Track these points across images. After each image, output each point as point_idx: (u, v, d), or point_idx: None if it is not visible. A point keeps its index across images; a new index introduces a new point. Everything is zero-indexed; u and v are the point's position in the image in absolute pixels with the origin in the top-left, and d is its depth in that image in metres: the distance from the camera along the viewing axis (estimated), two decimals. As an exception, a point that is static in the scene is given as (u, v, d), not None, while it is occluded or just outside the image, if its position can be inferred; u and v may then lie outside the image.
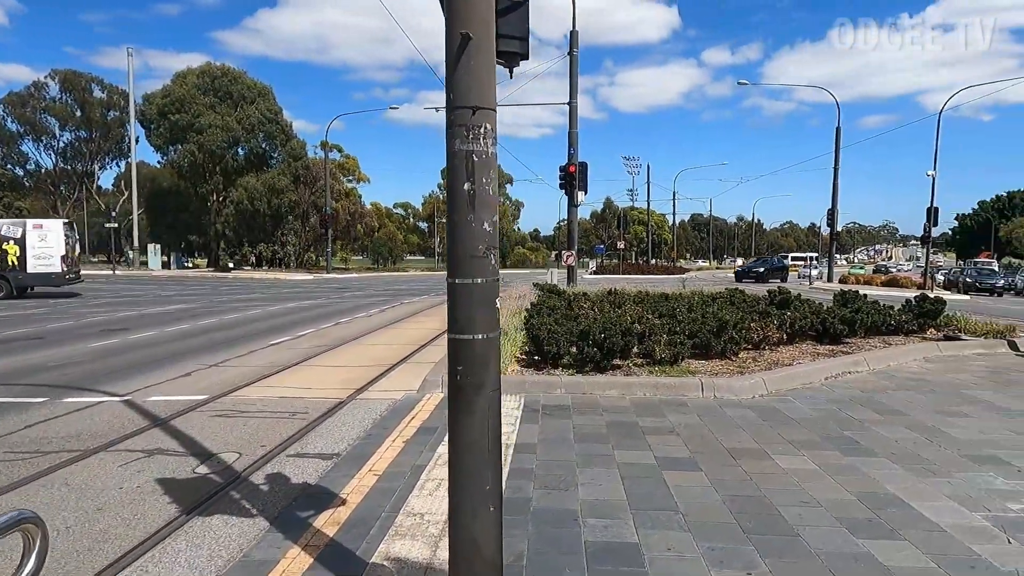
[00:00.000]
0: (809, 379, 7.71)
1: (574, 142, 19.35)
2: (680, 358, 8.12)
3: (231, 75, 49.82)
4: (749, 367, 8.15)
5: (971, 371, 8.61)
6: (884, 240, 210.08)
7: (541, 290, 16.35)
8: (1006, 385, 7.73)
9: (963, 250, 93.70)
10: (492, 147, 2.23)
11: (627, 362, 8.19)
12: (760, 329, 9.52)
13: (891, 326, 11.12)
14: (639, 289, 17.01)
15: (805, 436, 5.48)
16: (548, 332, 8.05)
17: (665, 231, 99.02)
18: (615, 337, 7.77)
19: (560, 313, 10.07)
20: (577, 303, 12.83)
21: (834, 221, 34.74)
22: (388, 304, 19.68)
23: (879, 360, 8.86)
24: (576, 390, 6.99)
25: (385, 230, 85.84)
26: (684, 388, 6.96)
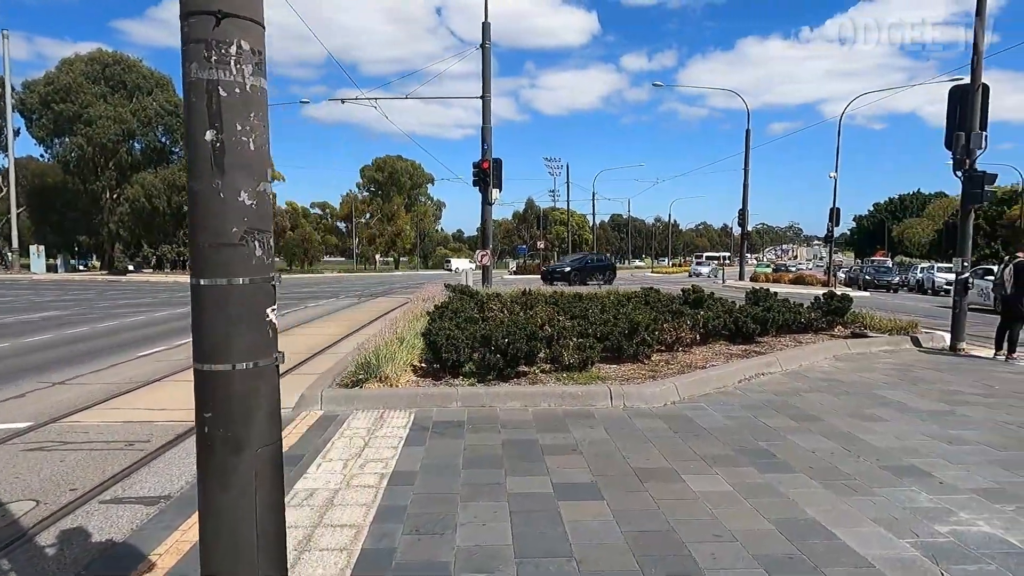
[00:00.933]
0: (723, 383, 7.30)
1: (487, 138, 18.68)
2: (590, 363, 7.55)
3: (125, 63, 46.24)
4: (662, 371, 7.68)
5: (880, 369, 8.49)
6: (790, 240, 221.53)
7: (452, 291, 15.58)
8: (914, 383, 7.58)
9: (860, 249, 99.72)
10: (254, 78, 1.47)
11: (534, 369, 7.55)
12: (673, 330, 9.11)
13: (801, 324, 11.03)
14: (555, 289, 16.55)
15: (719, 450, 4.97)
16: (447, 338, 7.30)
17: (586, 231, 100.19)
18: (519, 342, 7.11)
19: (464, 316, 9.33)
20: (488, 305, 12.16)
21: (745, 220, 35.72)
22: (292, 308, 18.38)
23: (791, 360, 8.61)
24: (474, 403, 6.27)
25: (300, 230, 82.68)
26: (592, 397, 6.37)
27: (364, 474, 4.39)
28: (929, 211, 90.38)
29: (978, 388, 7.37)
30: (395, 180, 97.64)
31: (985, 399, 6.81)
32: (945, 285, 32.87)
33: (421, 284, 20.26)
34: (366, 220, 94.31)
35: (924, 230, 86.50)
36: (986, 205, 57.76)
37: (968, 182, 9.78)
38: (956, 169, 9.93)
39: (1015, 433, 5.51)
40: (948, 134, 10.14)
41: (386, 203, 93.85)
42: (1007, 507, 3.89)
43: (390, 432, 5.39)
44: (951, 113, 10.15)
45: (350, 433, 5.36)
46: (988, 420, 5.93)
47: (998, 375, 8.22)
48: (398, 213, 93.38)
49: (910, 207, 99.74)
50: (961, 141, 9.76)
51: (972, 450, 5.01)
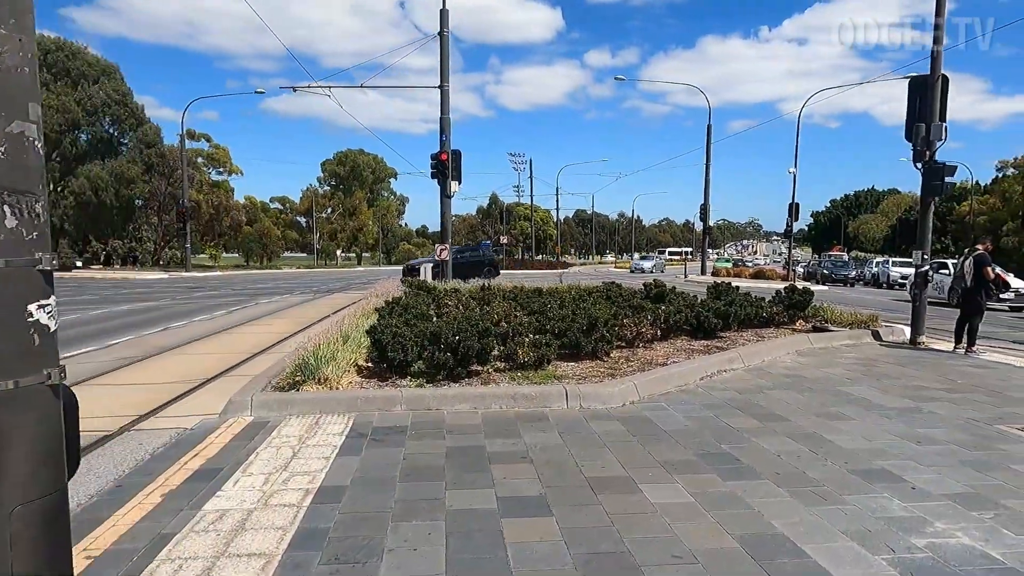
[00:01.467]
0: (684, 380, 6.99)
1: (446, 129, 18.16)
2: (546, 361, 7.16)
3: (68, 49, 44.18)
4: (621, 368, 7.33)
5: (843, 364, 8.30)
6: (750, 236, 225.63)
7: (409, 286, 15.05)
8: (878, 379, 7.39)
9: (817, 244, 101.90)
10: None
11: (487, 368, 7.12)
12: (634, 326, 8.79)
13: (763, 318, 10.84)
14: (515, 284, 16.16)
15: (680, 455, 4.62)
16: (393, 336, 6.82)
17: (551, 227, 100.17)
18: (471, 340, 6.67)
19: (415, 313, 8.86)
20: (444, 301, 11.69)
21: (706, 215, 35.86)
22: (241, 305, 17.60)
23: (754, 355, 8.36)
24: (419, 406, 5.82)
25: (259, 225, 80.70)
26: (546, 398, 5.97)
27: (286, 490, 3.90)
28: (883, 207, 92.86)
29: (942, 383, 7.21)
30: (357, 174, 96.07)
31: (950, 394, 6.63)
32: (899, 279, 33.56)
33: (376, 279, 19.71)
34: (327, 215, 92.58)
35: (878, 226, 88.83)
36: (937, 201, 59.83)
37: (928, 174, 9.69)
38: (916, 161, 9.82)
39: (983, 431, 5.29)
40: (908, 125, 10.03)
41: (348, 198, 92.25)
42: (984, 515, 3.61)
43: (324, 440, 4.90)
44: (911, 104, 10.04)
45: (279, 442, 4.86)
46: (955, 417, 5.72)
47: (959, 369, 8.10)
48: (360, 208, 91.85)
49: (865, 203, 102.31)
50: (921, 132, 9.65)
51: (942, 451, 4.76)
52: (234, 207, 52.23)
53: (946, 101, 9.78)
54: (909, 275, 33.06)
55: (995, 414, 5.84)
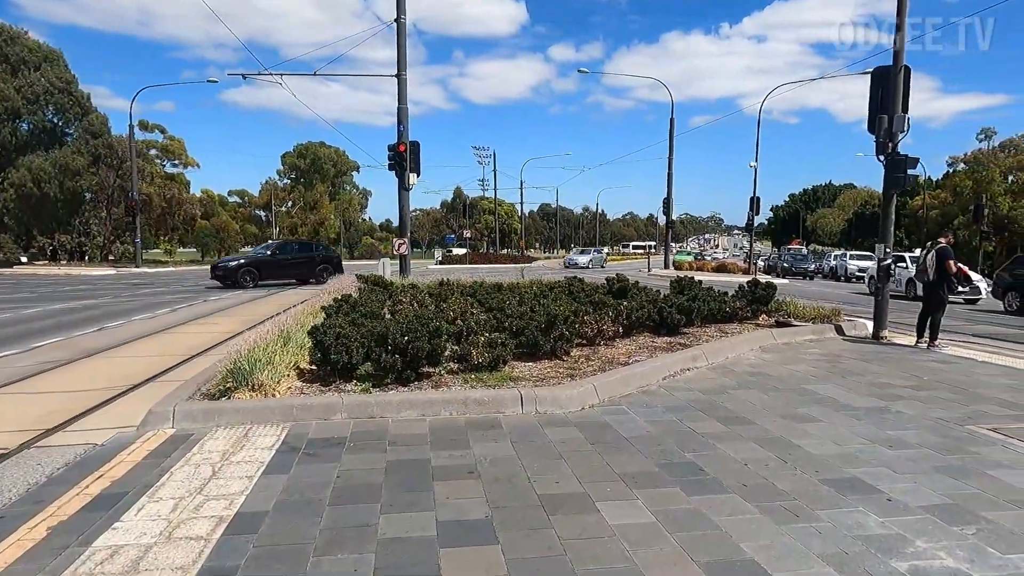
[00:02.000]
0: (646, 380, 6.66)
1: (404, 119, 17.59)
2: (502, 362, 6.76)
3: (7, 33, 41.92)
4: (581, 368, 6.98)
5: (807, 360, 8.09)
6: (712, 230, 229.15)
7: (365, 282, 14.50)
8: (843, 376, 7.18)
9: (777, 238, 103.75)
10: None
11: (439, 370, 6.69)
12: (595, 323, 8.45)
13: (727, 313, 10.63)
14: (475, 279, 15.73)
15: (641, 465, 4.26)
16: (337, 337, 6.34)
17: (515, 221, 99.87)
18: (420, 340, 6.22)
19: (365, 311, 8.37)
20: (398, 297, 11.20)
21: (670, 208, 35.89)
22: (188, 302, 16.78)
23: (718, 352, 8.10)
24: (361, 413, 5.36)
25: (216, 219, 78.53)
26: (500, 403, 5.57)
27: (197, 519, 3.42)
28: (840, 201, 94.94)
29: (907, 380, 7.03)
30: (318, 167, 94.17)
31: (917, 392, 6.44)
32: (857, 272, 34.12)
33: (346, 274, 19.08)
34: (287, 208, 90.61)
35: (835, 220, 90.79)
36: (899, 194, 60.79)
37: (891, 166, 9.56)
38: (879, 153, 9.69)
39: (954, 432, 5.07)
40: (871, 117, 9.89)
41: (308, 191, 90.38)
42: (966, 531, 3.34)
43: (250, 456, 4.42)
44: (873, 96, 9.90)
45: (199, 459, 4.36)
46: (924, 417, 5.50)
47: (924, 365, 7.96)
48: (321, 201, 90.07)
49: (822, 198, 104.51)
50: (884, 124, 9.51)
51: (915, 455, 4.51)
52: (188, 200, 50.48)
53: (908, 92, 9.66)
54: (867, 268, 33.69)
55: (964, 413, 5.65)
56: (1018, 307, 15.66)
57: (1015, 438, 4.90)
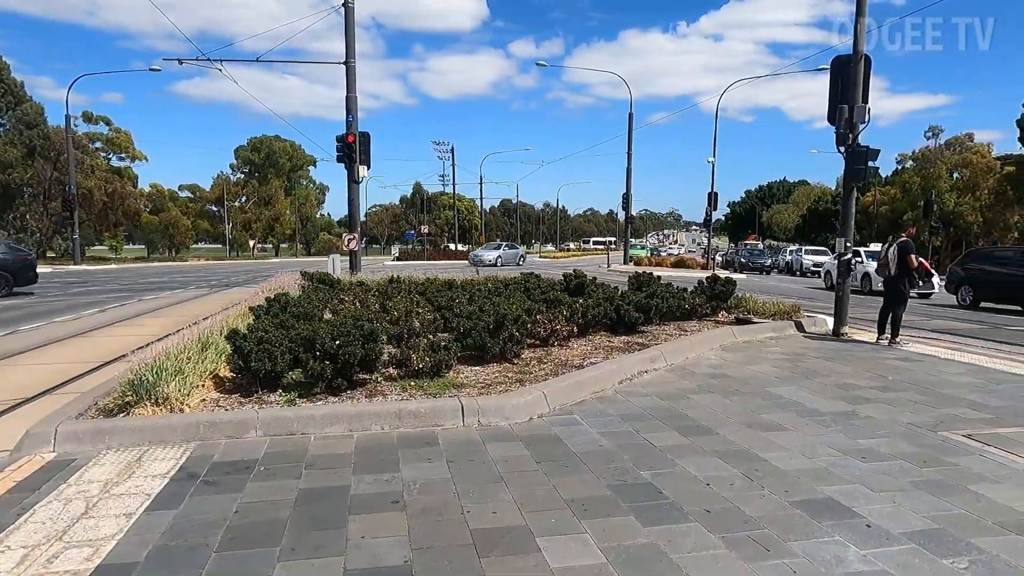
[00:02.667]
0: (601, 385, 6.17)
1: (353, 108, 16.81)
2: (444, 367, 6.18)
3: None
4: (533, 372, 6.46)
5: (769, 360, 7.73)
6: (671, 225, 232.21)
7: (310, 280, 13.73)
8: (807, 377, 6.82)
9: (734, 234, 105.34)
10: None
11: (376, 376, 6.09)
12: (548, 322, 7.94)
13: (686, 310, 10.26)
14: (428, 276, 15.10)
15: (591, 488, 3.75)
16: (259, 342, 5.68)
17: (476, 217, 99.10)
18: (353, 344, 5.61)
19: (300, 310, 7.69)
20: (342, 296, 10.51)
21: (629, 203, 35.72)
22: (121, 302, 15.73)
23: (677, 352, 7.67)
24: (280, 430, 4.72)
25: (166, 215, 75.81)
26: (439, 415, 5.00)
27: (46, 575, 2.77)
28: (794, 198, 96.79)
29: (873, 380, 6.70)
30: (273, 161, 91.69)
31: (883, 394, 6.10)
32: (812, 267, 34.55)
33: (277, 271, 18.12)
34: (240, 203, 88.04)
35: (790, 215, 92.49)
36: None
37: (851, 157, 9.29)
38: (839, 144, 9.41)
39: (927, 440, 4.71)
40: (831, 107, 9.61)
41: (263, 186, 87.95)
42: (958, 564, 2.91)
43: (137, 486, 3.76)
44: (834, 86, 9.63)
45: (74, 491, 3.68)
46: (894, 422, 5.14)
47: (887, 363, 7.68)
48: (276, 196, 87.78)
49: (777, 194, 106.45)
50: (844, 114, 9.23)
51: (891, 468, 4.10)
52: (131, 195, 48.26)
53: (869, 82, 9.41)
54: (821, 263, 34.09)
55: (934, 417, 5.31)
56: (971, 301, 15.76)
57: (992, 446, 4.55)
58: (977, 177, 52.31)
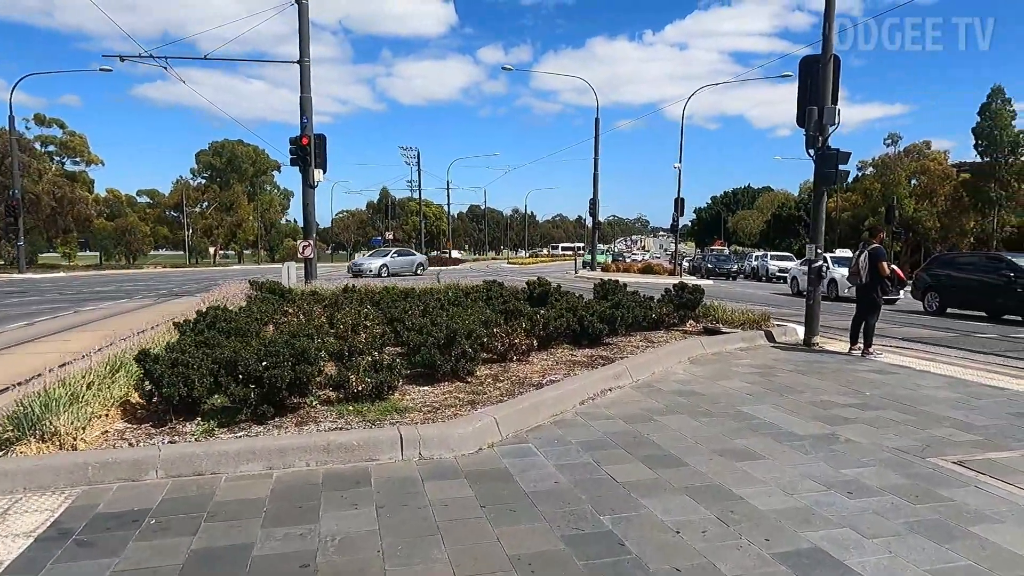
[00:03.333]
0: (561, 407, 5.63)
1: (307, 109, 16.08)
2: (388, 389, 5.58)
3: None
4: (486, 392, 5.90)
5: (740, 374, 7.29)
6: (639, 231, 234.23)
7: (259, 290, 12.98)
8: (781, 394, 6.38)
9: (700, 239, 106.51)
10: None
11: (310, 400, 5.46)
12: (505, 336, 7.38)
13: (653, 320, 9.81)
14: (387, 284, 14.44)
15: (543, 540, 3.20)
16: (173, 364, 5.01)
17: (444, 222, 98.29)
18: (282, 366, 4.98)
19: (233, 325, 7.00)
20: (284, 308, 9.81)
21: (596, 209, 35.43)
22: (55, 314, 14.73)
23: (643, 367, 7.18)
24: (186, 469, 4.07)
25: (122, 220, 73.34)
26: (374, 447, 4.40)
27: None
28: (759, 204, 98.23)
29: (850, 396, 6.29)
30: (235, 166, 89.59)
31: (863, 412, 5.68)
32: (778, 272, 34.69)
33: (225, 279, 17.18)
34: (201, 209, 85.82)
35: (755, 221, 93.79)
36: (807, 198, 62.83)
37: (821, 161, 8.94)
38: (809, 147, 9.07)
39: (917, 468, 4.26)
40: (800, 109, 9.28)
41: (225, 191, 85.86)
42: (976, 638, 2.42)
43: (-10, 551, 3.08)
44: (802, 87, 9.30)
45: (-93, 560, 2.99)
46: (878, 448, 4.69)
47: (863, 376, 7.30)
48: (239, 202, 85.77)
49: (742, 200, 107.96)
50: (814, 116, 8.89)
51: (881, 506, 3.63)
52: (80, 199, 46.35)
53: (838, 83, 9.10)
54: (787, 268, 34.24)
55: (920, 440, 4.88)
56: (938, 307, 15.68)
57: (987, 475, 4.12)
58: (934, 184, 53.48)
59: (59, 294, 20.92)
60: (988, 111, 46.42)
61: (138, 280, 31.75)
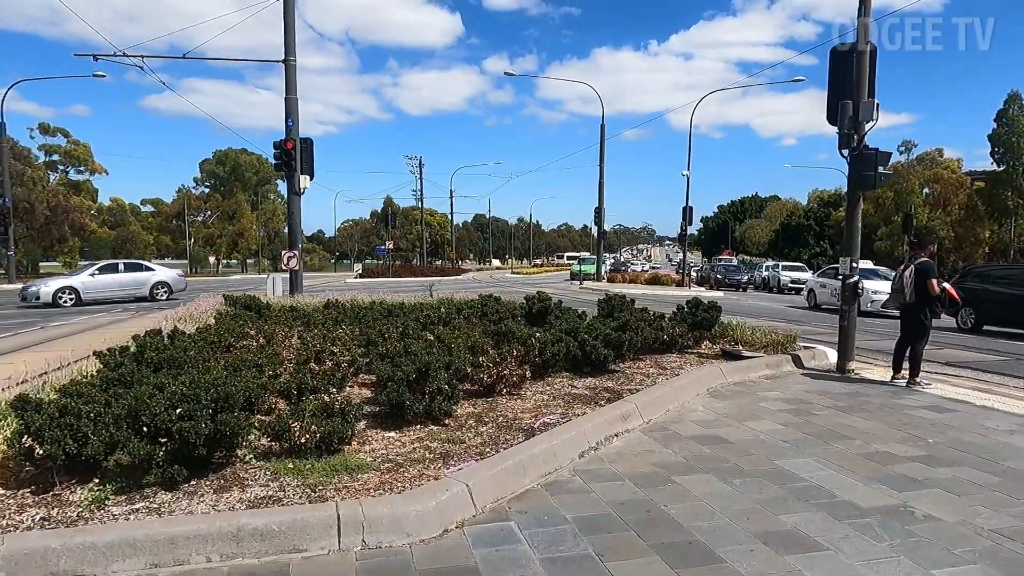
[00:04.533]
0: (555, 463, 4.52)
1: (293, 110, 15.08)
2: (339, 440, 4.49)
3: None
4: (465, 439, 4.82)
5: (771, 412, 6.16)
6: (645, 240, 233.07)
7: (233, 305, 11.94)
8: (824, 440, 5.25)
9: (707, 249, 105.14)
10: None
11: (243, 453, 4.38)
12: (494, 365, 6.28)
13: (664, 342, 8.71)
14: (375, 299, 13.39)
15: None
16: (60, 412, 3.94)
17: (448, 231, 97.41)
18: (199, 416, 3.90)
19: (163, 356, 5.92)
20: (245, 328, 8.73)
21: (601, 218, 34.30)
22: (22, 329, 13.74)
23: (656, 404, 6.06)
24: (33, 571, 2.98)
25: (123, 229, 72.71)
26: (300, 533, 3.30)
27: None
28: (767, 212, 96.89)
29: (909, 444, 5.15)
30: (239, 175, 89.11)
31: (933, 470, 4.55)
32: (790, 283, 33.47)
33: (206, 291, 16.11)
34: (203, 218, 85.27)
35: (763, 230, 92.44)
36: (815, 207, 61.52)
37: (858, 162, 7.84)
38: (842, 147, 7.97)
39: (1033, 566, 3.14)
40: (831, 105, 8.19)
41: (227, 200, 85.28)
42: None
43: None
44: (834, 80, 8.21)
45: None
46: (972, 530, 3.57)
47: (917, 415, 6.15)
48: (241, 211, 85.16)
49: (749, 209, 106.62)
50: (848, 112, 7.80)
51: (1011, 645, 2.51)
52: (76, 208, 45.56)
53: (875, 75, 8.00)
54: (801, 279, 33.04)
55: (1019, 514, 3.76)
56: (973, 324, 14.49)
57: None
58: (948, 192, 52.22)
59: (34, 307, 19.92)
60: (1005, 117, 45.24)
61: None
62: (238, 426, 4.08)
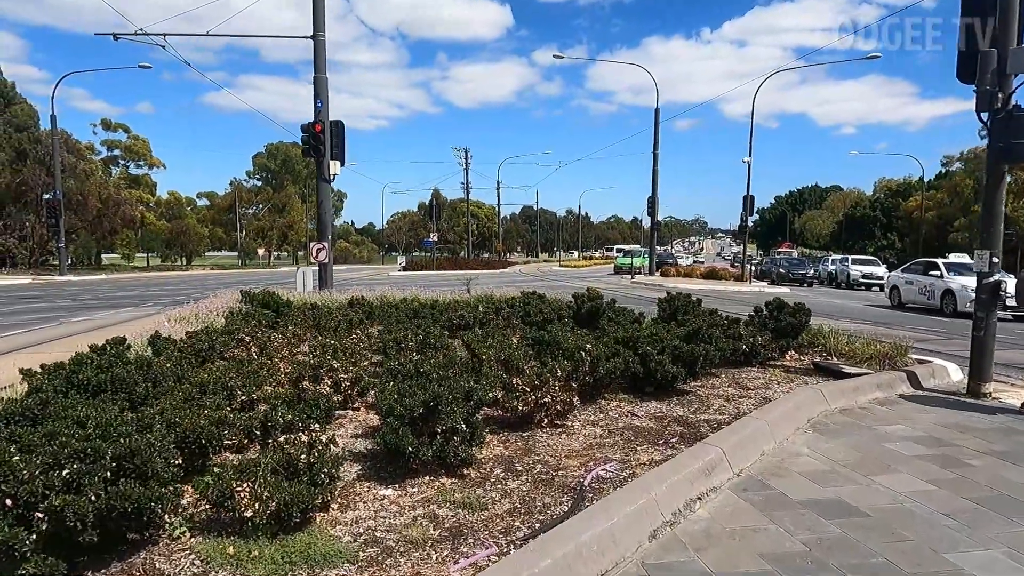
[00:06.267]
0: (616, 553, 3.08)
1: (322, 91, 13.94)
2: (301, 513, 3.15)
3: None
4: (487, 504, 3.45)
5: (904, 458, 4.56)
6: (696, 232, 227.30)
7: (248, 302, 10.85)
8: (997, 509, 3.65)
9: (764, 241, 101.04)
10: None
11: (171, 528, 3.10)
12: (532, 390, 4.87)
13: (744, 352, 7.14)
14: (411, 295, 12.15)
15: None
16: None
17: (496, 224, 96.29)
18: (87, 485, 2.63)
19: (100, 376, 4.70)
20: (240, 333, 7.53)
21: (655, 207, 32.35)
22: (42, 325, 13.05)
23: (744, 446, 4.52)
24: None
25: (178, 222, 74.16)
26: None
27: None
28: (828, 203, 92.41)
29: None
30: (289, 168, 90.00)
31: None
32: (860, 278, 30.92)
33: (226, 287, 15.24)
34: (255, 211, 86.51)
35: (824, 222, 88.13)
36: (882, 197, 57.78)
37: (1004, 128, 6.08)
38: (980, 108, 6.22)
39: None
40: (962, 57, 6.45)
41: (278, 192, 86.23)
42: None
43: None
44: (969, 25, 6.45)
45: None
46: None
47: (1114, 468, 4.45)
48: (291, 203, 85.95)
49: (809, 200, 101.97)
50: (991, 64, 6.05)
51: None
52: (125, 200, 46.02)
53: None
54: (874, 275, 30.42)
55: None
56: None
57: None
58: (1036, 179, 47.97)
59: (72, 300, 19.51)
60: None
61: (175, 284, 30.58)
62: (146, 500, 2.79)
